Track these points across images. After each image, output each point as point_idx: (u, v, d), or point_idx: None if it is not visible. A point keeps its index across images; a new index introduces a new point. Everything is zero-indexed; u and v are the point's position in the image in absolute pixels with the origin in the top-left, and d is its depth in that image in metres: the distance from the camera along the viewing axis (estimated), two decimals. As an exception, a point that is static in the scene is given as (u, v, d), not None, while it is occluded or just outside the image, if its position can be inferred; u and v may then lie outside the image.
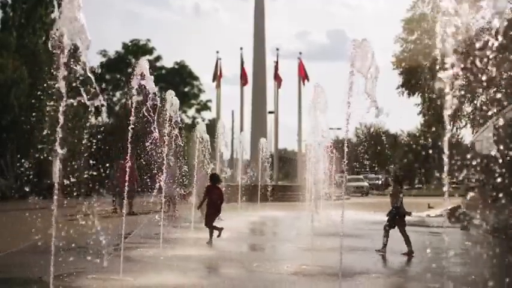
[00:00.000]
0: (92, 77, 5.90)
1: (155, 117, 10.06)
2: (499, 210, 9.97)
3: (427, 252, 12.02)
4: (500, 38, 3.30)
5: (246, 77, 42.32)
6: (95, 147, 8.06)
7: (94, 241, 10.36)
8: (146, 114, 9.61)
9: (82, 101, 6.01)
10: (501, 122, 12.42)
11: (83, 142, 7.57)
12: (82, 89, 5.94)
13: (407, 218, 11.54)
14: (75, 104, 6.00)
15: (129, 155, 9.02)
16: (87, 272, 8.17)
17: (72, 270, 8.13)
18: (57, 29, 5.86)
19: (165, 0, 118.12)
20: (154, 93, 9.54)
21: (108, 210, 19.33)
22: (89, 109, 6.18)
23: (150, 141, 10.99)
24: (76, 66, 5.93)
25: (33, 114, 24.88)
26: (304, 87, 41.38)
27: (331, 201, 20.70)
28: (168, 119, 11.84)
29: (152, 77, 9.23)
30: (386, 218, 11.39)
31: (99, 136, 8.29)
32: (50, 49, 5.93)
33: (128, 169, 9.27)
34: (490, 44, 3.30)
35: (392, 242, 11.24)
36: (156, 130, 10.40)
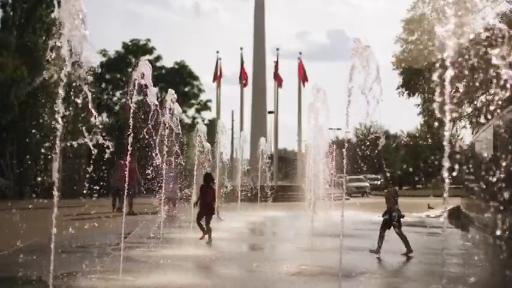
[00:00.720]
0: (95, 113, 5.73)
1: (157, 139, 10.03)
2: (499, 211, 9.97)
3: (427, 252, 12.04)
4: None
5: (246, 78, 42.32)
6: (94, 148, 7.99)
7: (94, 241, 10.39)
8: (147, 135, 9.57)
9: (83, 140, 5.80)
10: (501, 122, 12.40)
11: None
12: (84, 128, 5.76)
13: (402, 219, 11.51)
14: (75, 146, 5.83)
15: (129, 155, 9.01)
16: (87, 272, 8.17)
17: (72, 270, 8.13)
18: (51, 47, 5.54)
19: (165, 0, 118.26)
20: (157, 109, 9.49)
21: (108, 211, 19.31)
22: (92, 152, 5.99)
23: (151, 164, 11.01)
24: (78, 99, 5.68)
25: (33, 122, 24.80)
26: (304, 88, 41.48)
27: (330, 202, 20.72)
28: (169, 131, 11.72)
29: (156, 89, 9.18)
30: (382, 219, 11.37)
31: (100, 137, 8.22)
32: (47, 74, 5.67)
33: (127, 169, 9.27)
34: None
35: (392, 242, 11.24)
36: (159, 157, 10.39)
